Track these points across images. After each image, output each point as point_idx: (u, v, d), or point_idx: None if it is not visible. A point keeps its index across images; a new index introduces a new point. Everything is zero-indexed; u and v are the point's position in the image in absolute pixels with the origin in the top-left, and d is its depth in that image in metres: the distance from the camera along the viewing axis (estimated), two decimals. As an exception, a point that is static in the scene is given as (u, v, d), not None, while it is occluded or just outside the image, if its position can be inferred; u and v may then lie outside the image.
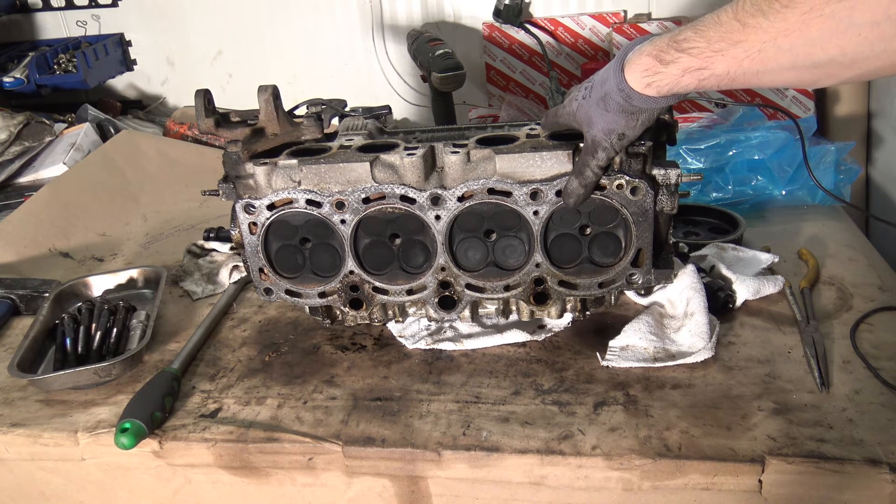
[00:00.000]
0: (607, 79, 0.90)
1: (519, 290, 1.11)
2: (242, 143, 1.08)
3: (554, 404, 1.04)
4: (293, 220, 1.10)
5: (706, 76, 0.79)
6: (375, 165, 1.05)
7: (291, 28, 2.43)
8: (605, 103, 0.91)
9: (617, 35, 2.18)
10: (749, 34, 0.72)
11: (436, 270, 1.10)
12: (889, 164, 1.89)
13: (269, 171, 1.07)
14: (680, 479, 0.93)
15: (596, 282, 1.10)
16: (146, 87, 2.63)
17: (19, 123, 2.07)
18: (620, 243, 1.08)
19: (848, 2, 0.63)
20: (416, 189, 1.05)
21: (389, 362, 1.16)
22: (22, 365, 1.17)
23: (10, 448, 1.09)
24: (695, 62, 0.78)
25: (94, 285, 1.42)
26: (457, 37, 2.33)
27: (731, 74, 0.76)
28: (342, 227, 1.08)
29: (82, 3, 2.50)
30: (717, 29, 0.75)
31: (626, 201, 1.03)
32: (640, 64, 0.85)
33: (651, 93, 0.86)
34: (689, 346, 1.11)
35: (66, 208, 1.74)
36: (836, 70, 0.69)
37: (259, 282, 1.15)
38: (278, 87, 1.11)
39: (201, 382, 1.16)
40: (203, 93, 1.09)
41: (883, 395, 1.00)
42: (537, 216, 1.05)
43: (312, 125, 1.14)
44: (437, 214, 1.06)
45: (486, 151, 1.04)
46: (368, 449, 1.00)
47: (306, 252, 1.13)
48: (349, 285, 1.13)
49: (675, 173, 1.04)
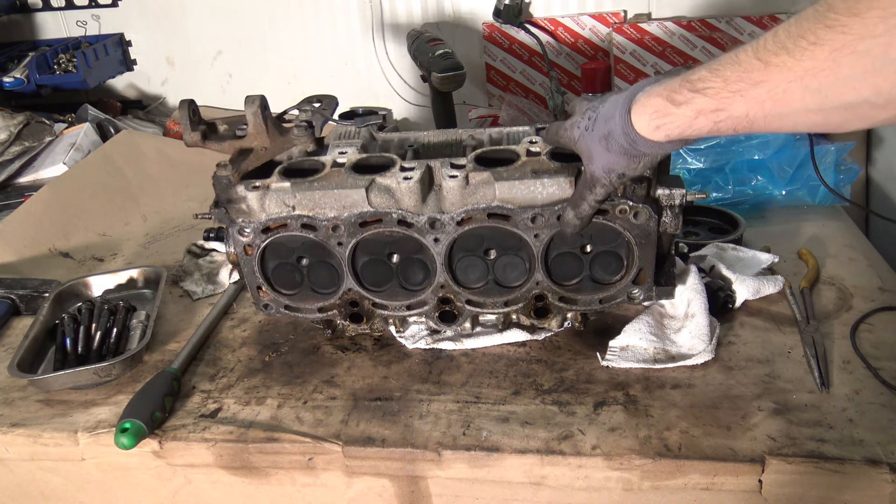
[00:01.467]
0: (612, 117, 0.86)
1: (519, 305, 1.11)
2: (232, 164, 1.04)
3: (554, 404, 1.04)
4: (289, 242, 1.09)
5: (722, 118, 0.73)
6: (371, 190, 1.03)
7: (291, 28, 2.43)
8: (608, 142, 0.87)
9: (617, 35, 2.18)
10: (772, 73, 0.66)
11: (435, 288, 1.10)
12: (889, 163, 1.89)
13: (261, 196, 1.05)
14: (680, 479, 0.93)
15: (597, 298, 1.09)
16: (146, 87, 2.63)
17: (19, 123, 2.07)
18: (622, 262, 1.07)
19: (885, 37, 0.58)
20: (413, 213, 1.03)
21: (389, 362, 1.16)
22: (22, 365, 1.17)
23: (10, 448, 1.09)
24: (710, 103, 0.73)
25: (94, 285, 1.42)
26: (457, 37, 2.33)
27: (751, 117, 0.71)
28: (339, 248, 1.07)
29: (82, 3, 2.50)
30: (735, 68, 0.70)
31: (629, 225, 1.02)
32: (650, 105, 0.81)
33: (659, 137, 0.82)
34: (689, 348, 1.11)
35: (66, 208, 1.74)
36: (868, 111, 0.64)
37: (257, 298, 1.15)
38: (265, 97, 1.08)
39: (201, 382, 1.16)
40: (188, 104, 1.07)
41: (883, 395, 1.00)
42: (538, 238, 1.04)
43: (304, 135, 1.11)
44: (436, 237, 1.05)
45: (485, 175, 1.01)
46: (368, 449, 1.00)
47: (304, 270, 1.12)
48: (348, 301, 1.13)
49: (679, 194, 1.02)
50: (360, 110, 2.01)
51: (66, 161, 2.01)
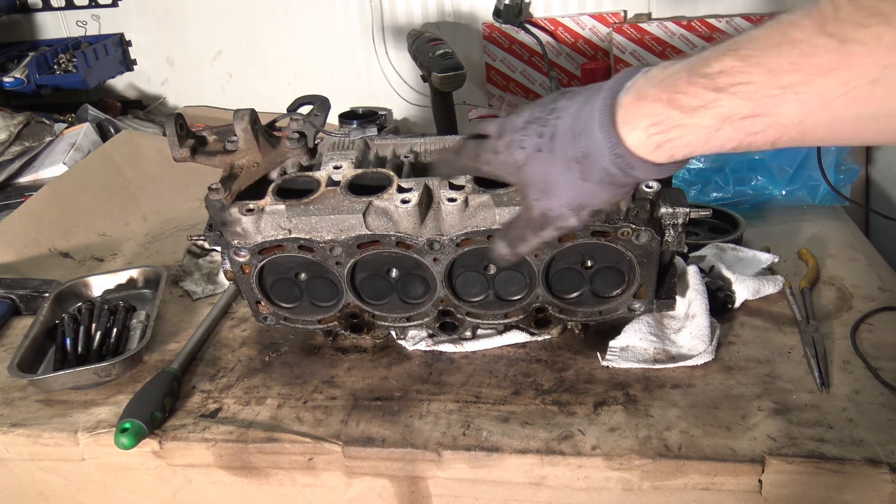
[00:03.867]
0: (587, 131, 0.62)
1: (520, 317, 1.11)
2: (223, 186, 1.02)
3: (554, 404, 1.04)
4: (287, 262, 1.08)
5: (761, 127, 0.52)
6: (368, 214, 1.01)
7: (291, 28, 2.43)
8: (584, 169, 0.63)
9: (617, 35, 2.18)
10: (854, 56, 0.44)
11: (435, 302, 1.10)
12: (889, 163, 1.89)
13: (256, 219, 1.03)
14: (680, 479, 0.93)
15: (597, 310, 1.09)
16: (146, 87, 2.63)
17: (19, 123, 2.07)
18: (623, 277, 1.07)
19: None
20: (412, 236, 1.02)
21: (390, 363, 1.16)
22: (22, 365, 1.17)
23: (10, 448, 1.09)
24: (744, 106, 0.51)
25: (94, 285, 1.41)
26: (457, 37, 2.33)
27: (808, 125, 0.50)
28: (338, 267, 1.06)
29: (82, 3, 2.50)
30: (784, 51, 0.48)
31: (630, 246, 1.01)
32: (643, 114, 0.58)
33: (661, 158, 0.59)
34: (689, 349, 1.10)
35: (66, 208, 1.74)
36: None
37: (256, 311, 1.15)
38: (255, 111, 1.06)
39: (201, 382, 1.16)
40: (175, 118, 1.04)
41: (883, 395, 1.00)
42: (538, 258, 1.04)
43: (296, 147, 1.09)
44: (435, 258, 1.04)
45: (484, 198, 1.00)
46: (368, 449, 1.00)
47: (303, 285, 1.12)
48: (348, 314, 1.13)
49: (682, 213, 1.01)
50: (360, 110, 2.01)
51: (66, 161, 2.01)
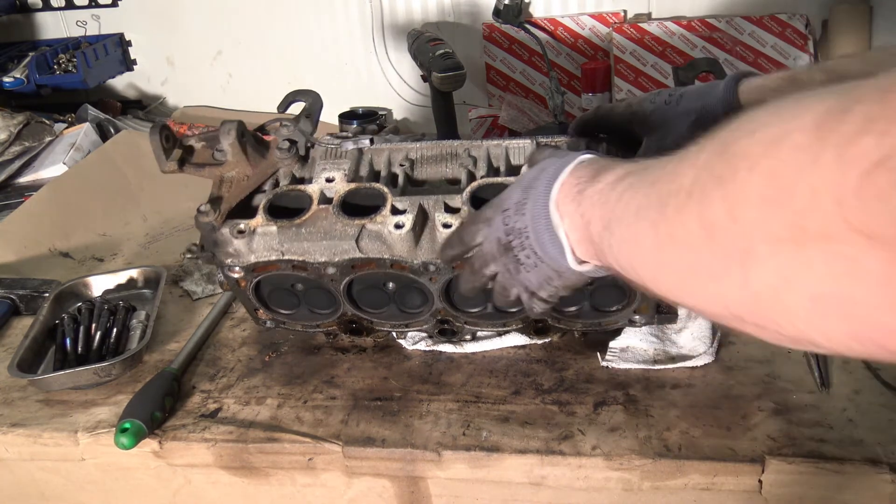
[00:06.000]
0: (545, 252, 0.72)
1: (519, 326, 1.11)
2: (212, 206, 1.00)
3: (554, 404, 1.04)
4: (283, 276, 1.07)
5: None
6: (361, 238, 1.00)
7: (291, 28, 2.43)
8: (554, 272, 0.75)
9: (617, 35, 2.18)
10: None
11: (433, 313, 1.10)
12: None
13: (248, 241, 1.02)
14: (680, 479, 0.93)
15: (597, 321, 1.09)
16: (146, 87, 2.63)
17: (19, 123, 2.07)
18: (624, 293, 1.06)
19: None
20: (406, 259, 1.01)
21: (390, 363, 1.16)
22: (22, 365, 1.17)
23: (10, 448, 1.09)
24: None
25: (94, 285, 1.41)
26: (457, 37, 2.33)
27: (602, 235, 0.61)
28: (333, 284, 1.05)
29: (82, 3, 2.50)
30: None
31: None
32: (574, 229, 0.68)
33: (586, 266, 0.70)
34: (689, 350, 1.10)
35: (66, 208, 1.73)
36: None
37: (255, 318, 1.16)
38: (243, 123, 1.04)
39: (201, 382, 1.16)
40: (159, 130, 1.01)
41: (883, 395, 1.00)
42: None
43: (287, 157, 1.08)
44: (431, 278, 1.03)
45: None
46: (368, 449, 1.00)
47: (300, 295, 1.11)
48: (347, 321, 1.13)
49: None
50: (360, 110, 2.01)
51: (66, 161, 2.01)
